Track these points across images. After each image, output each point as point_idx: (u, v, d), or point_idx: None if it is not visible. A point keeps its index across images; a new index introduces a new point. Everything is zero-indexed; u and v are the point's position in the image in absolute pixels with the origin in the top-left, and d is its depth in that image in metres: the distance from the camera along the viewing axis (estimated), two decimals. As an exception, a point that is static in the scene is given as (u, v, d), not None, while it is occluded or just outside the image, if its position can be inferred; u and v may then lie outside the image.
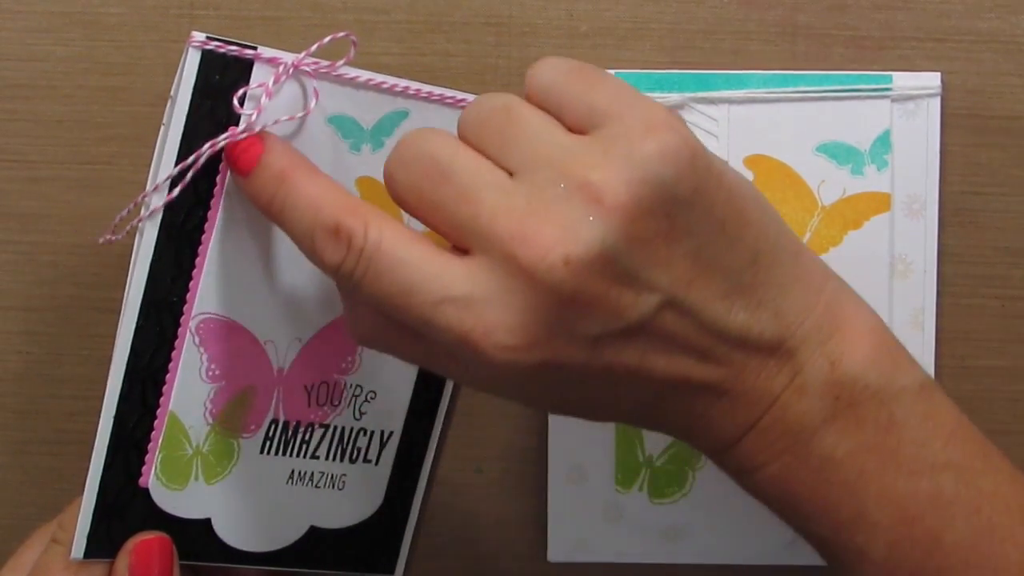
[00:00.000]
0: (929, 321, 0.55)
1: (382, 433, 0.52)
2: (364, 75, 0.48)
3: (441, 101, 0.50)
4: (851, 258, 0.55)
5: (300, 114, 0.47)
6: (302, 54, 0.46)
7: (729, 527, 0.56)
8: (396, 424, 0.52)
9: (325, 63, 0.47)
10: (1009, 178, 0.56)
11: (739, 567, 0.56)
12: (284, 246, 0.48)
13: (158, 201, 0.46)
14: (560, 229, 0.39)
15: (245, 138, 0.45)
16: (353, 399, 0.51)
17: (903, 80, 0.55)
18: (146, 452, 0.48)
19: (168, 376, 0.47)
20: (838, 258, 0.55)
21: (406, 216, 0.43)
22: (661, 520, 0.56)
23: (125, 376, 0.47)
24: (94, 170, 0.55)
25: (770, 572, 0.56)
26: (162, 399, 0.47)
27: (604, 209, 0.39)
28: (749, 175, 0.55)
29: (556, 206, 0.39)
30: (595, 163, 0.39)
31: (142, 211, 0.46)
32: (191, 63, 0.45)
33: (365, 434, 0.52)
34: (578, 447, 0.56)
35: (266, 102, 0.46)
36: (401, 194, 0.42)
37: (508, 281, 0.39)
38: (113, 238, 0.47)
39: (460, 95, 0.50)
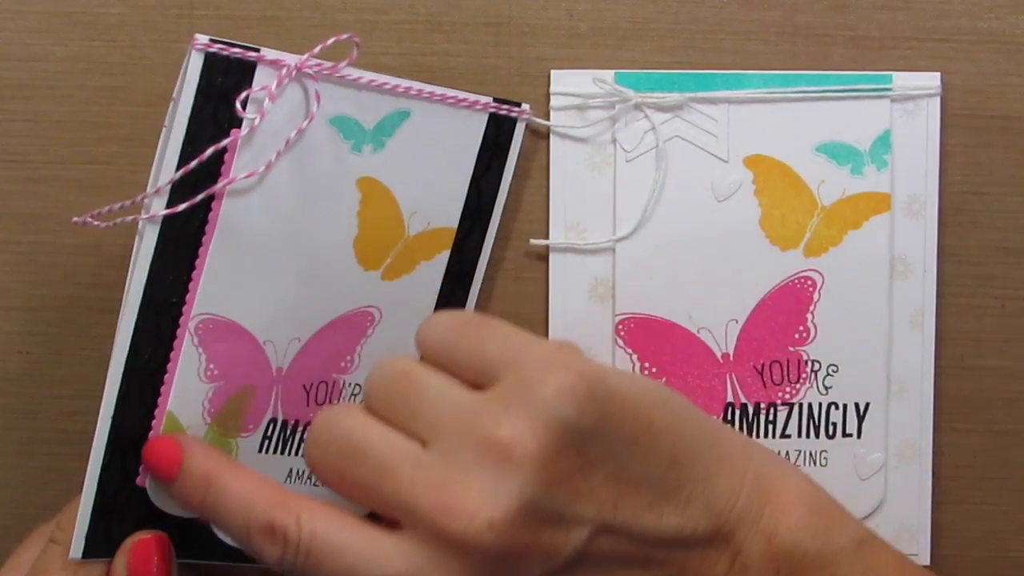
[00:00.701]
0: (929, 321, 0.56)
1: None
2: (366, 76, 0.49)
3: (442, 101, 0.50)
4: (851, 258, 0.55)
5: (304, 123, 0.47)
6: (305, 56, 0.47)
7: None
8: None
9: (327, 64, 0.47)
10: (1009, 178, 0.56)
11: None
12: (284, 247, 0.48)
13: (159, 205, 0.46)
14: (479, 493, 0.40)
15: (159, 443, 0.46)
16: (352, 398, 0.52)
17: (903, 80, 0.55)
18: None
19: (166, 376, 0.47)
20: (838, 258, 0.55)
21: None
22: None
23: (123, 376, 0.47)
24: (94, 170, 0.55)
25: (770, 572, 0.56)
26: (160, 399, 0.48)
27: (515, 463, 0.40)
28: (749, 175, 0.55)
29: (470, 470, 0.40)
30: (498, 418, 0.40)
31: (142, 211, 0.46)
32: (194, 66, 0.46)
33: None
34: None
35: (268, 105, 0.46)
36: (323, 476, 0.43)
37: (440, 553, 0.40)
38: (90, 222, 0.47)
39: (461, 95, 0.51)
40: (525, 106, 0.53)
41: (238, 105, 0.46)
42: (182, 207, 0.46)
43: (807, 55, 0.55)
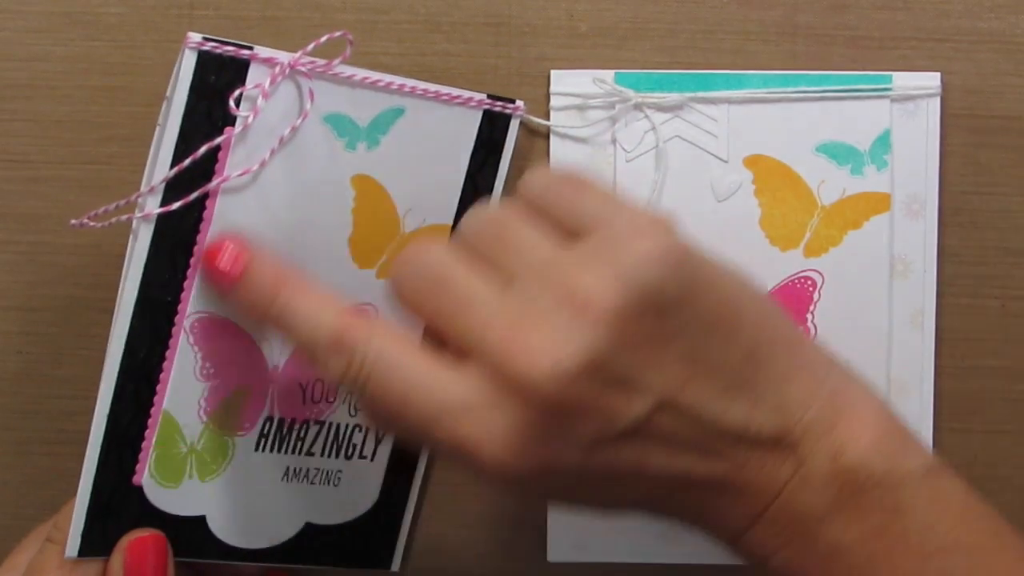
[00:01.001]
0: (929, 321, 0.55)
1: (378, 429, 0.52)
2: (360, 73, 0.49)
3: (436, 98, 0.50)
4: (851, 258, 0.55)
5: (297, 121, 0.47)
6: (298, 54, 0.47)
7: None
8: None
9: (321, 62, 0.48)
10: (1009, 178, 0.56)
11: (738, 567, 0.56)
12: (279, 245, 0.48)
13: (153, 204, 0.46)
14: (549, 338, 0.39)
15: (225, 241, 0.46)
16: (348, 396, 0.51)
17: (903, 80, 0.55)
18: (140, 450, 0.48)
19: (162, 375, 0.48)
20: (838, 258, 0.55)
21: None
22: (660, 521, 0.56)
23: (119, 375, 0.47)
24: (94, 170, 0.55)
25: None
26: (156, 398, 0.48)
27: (592, 315, 0.39)
28: (749, 175, 0.55)
29: (546, 315, 0.39)
30: (583, 270, 0.40)
31: (136, 210, 0.46)
32: (187, 64, 0.46)
33: (360, 430, 0.52)
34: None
35: (262, 103, 0.46)
36: (403, 298, 0.43)
37: (500, 391, 0.39)
38: (88, 223, 0.47)
39: (456, 92, 0.51)
40: (519, 103, 0.53)
41: (232, 103, 0.46)
42: (176, 205, 0.46)
43: (807, 55, 0.55)
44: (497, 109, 0.52)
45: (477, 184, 0.52)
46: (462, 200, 0.52)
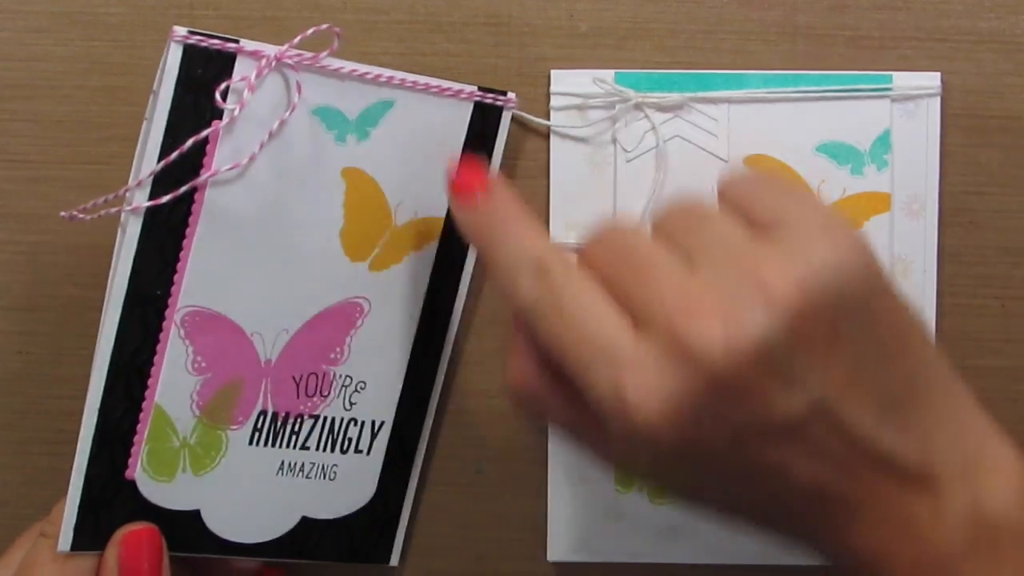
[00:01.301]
0: (929, 321, 0.55)
1: (373, 423, 0.52)
2: (348, 66, 0.49)
3: (426, 91, 0.50)
4: (851, 258, 0.55)
5: (286, 114, 0.47)
6: (284, 46, 0.47)
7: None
8: (387, 414, 0.52)
9: (308, 55, 0.48)
10: (1009, 178, 0.56)
11: (739, 567, 0.56)
12: (270, 238, 0.48)
13: (141, 197, 0.46)
14: (726, 314, 0.39)
15: (471, 163, 0.46)
16: (343, 390, 0.51)
17: (903, 80, 0.55)
18: (132, 444, 0.48)
19: (153, 369, 0.48)
20: (838, 258, 0.55)
21: None
22: (661, 520, 0.56)
23: (109, 369, 0.47)
24: (94, 170, 0.55)
25: (770, 572, 0.56)
26: (147, 392, 0.48)
27: (772, 303, 0.39)
28: (749, 175, 0.55)
29: (729, 294, 0.40)
30: (770, 260, 0.40)
31: (124, 204, 0.46)
32: (173, 57, 0.46)
33: (356, 424, 0.52)
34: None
35: (248, 96, 0.46)
36: (593, 263, 0.43)
37: (668, 355, 0.39)
38: (77, 216, 0.47)
39: (446, 84, 0.51)
40: (511, 95, 0.53)
41: (218, 96, 0.46)
42: (165, 199, 0.46)
43: (807, 55, 0.55)
44: (488, 101, 0.52)
45: None
46: None
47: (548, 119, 0.55)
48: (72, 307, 0.55)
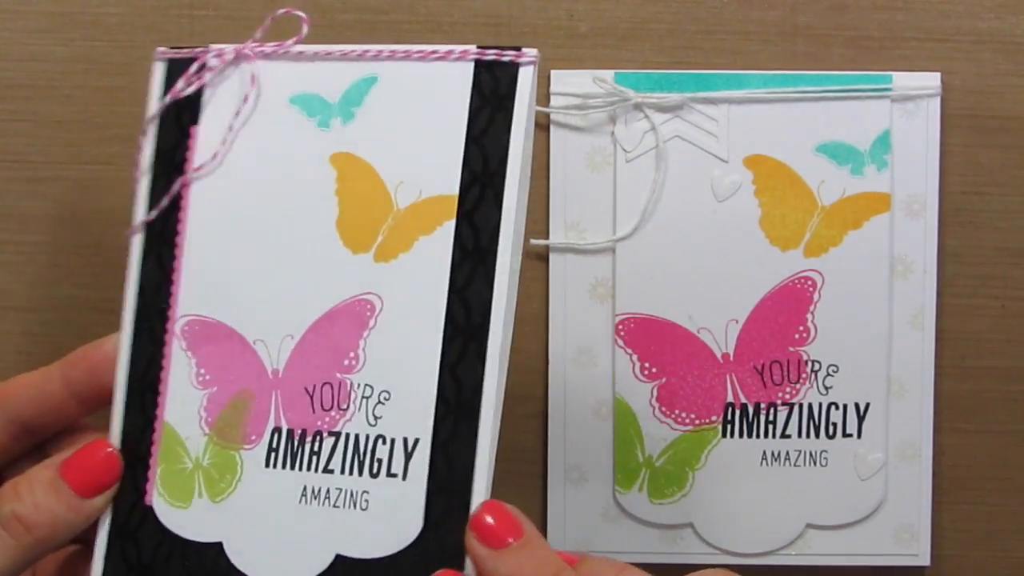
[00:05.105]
0: (929, 321, 0.55)
1: (405, 441, 0.45)
2: (321, 48, 0.47)
3: (410, 58, 0.47)
4: (851, 258, 0.55)
5: (243, 106, 0.47)
6: (248, 41, 0.47)
7: (729, 528, 0.56)
8: (421, 429, 0.45)
9: (273, 44, 0.47)
10: (1009, 178, 0.56)
11: (739, 567, 0.56)
12: (261, 238, 0.47)
13: (140, 214, 0.47)
14: None
15: (497, 509, 0.45)
16: (363, 401, 0.46)
17: (903, 80, 0.55)
18: (148, 467, 0.46)
19: (162, 385, 0.46)
20: (838, 258, 0.55)
21: None
22: (661, 520, 0.56)
23: (127, 387, 0.46)
24: (94, 170, 0.55)
25: (770, 572, 0.56)
26: (158, 410, 0.46)
27: None
28: (749, 175, 0.55)
29: None
30: None
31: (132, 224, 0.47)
32: (157, 76, 0.47)
33: (384, 442, 0.46)
34: (578, 447, 0.56)
35: (195, 80, 0.47)
36: None
37: None
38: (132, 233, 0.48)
39: (429, 48, 0.47)
40: (529, 51, 0.46)
41: (180, 84, 0.46)
42: (154, 213, 0.47)
43: (807, 55, 0.55)
44: (491, 57, 0.46)
45: (484, 147, 0.46)
46: (467, 166, 0.46)
47: (548, 119, 0.55)
48: (72, 307, 0.55)
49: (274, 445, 0.46)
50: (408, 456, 0.45)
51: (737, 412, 0.55)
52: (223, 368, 0.46)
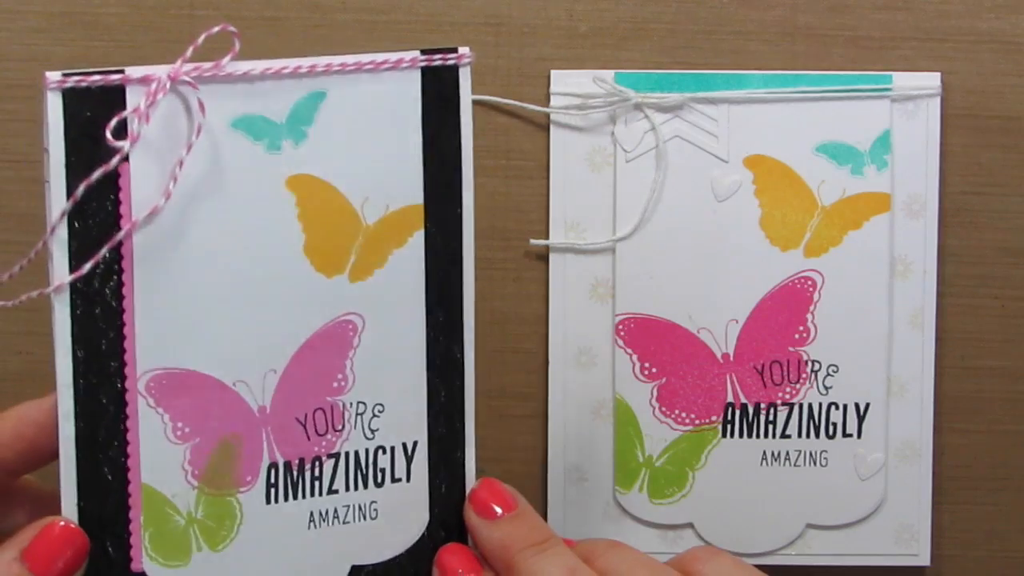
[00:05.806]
0: (929, 321, 0.55)
1: (404, 446, 0.46)
2: (259, 65, 0.44)
3: (359, 70, 0.45)
4: (851, 258, 0.55)
5: (194, 138, 0.42)
6: (177, 63, 0.42)
7: (729, 528, 0.56)
8: (418, 432, 0.47)
9: (207, 66, 0.43)
10: (1009, 178, 0.56)
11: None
12: (224, 276, 0.44)
13: (62, 271, 0.42)
14: None
15: (491, 484, 0.47)
16: (358, 418, 0.46)
17: (903, 80, 0.55)
18: (129, 534, 0.43)
19: (129, 447, 0.43)
20: (838, 258, 0.55)
21: None
22: (661, 520, 0.56)
23: (77, 460, 0.42)
24: (94, 170, 0.55)
25: (770, 572, 0.56)
26: (130, 474, 0.43)
27: None
28: (749, 175, 0.55)
29: None
30: None
31: (48, 285, 0.42)
32: (53, 108, 0.41)
33: (385, 452, 0.46)
34: (578, 447, 0.56)
35: (140, 128, 0.41)
36: None
37: None
38: (10, 304, 0.44)
39: (380, 57, 0.45)
40: (463, 50, 0.46)
41: (108, 135, 0.41)
42: (86, 267, 0.42)
43: (807, 55, 0.55)
44: (437, 63, 0.46)
45: (441, 150, 0.46)
46: (427, 172, 0.46)
47: (548, 119, 0.55)
48: (72, 307, 0.55)
49: (272, 481, 0.45)
50: (409, 459, 0.46)
51: (737, 412, 0.55)
52: (203, 417, 0.44)
